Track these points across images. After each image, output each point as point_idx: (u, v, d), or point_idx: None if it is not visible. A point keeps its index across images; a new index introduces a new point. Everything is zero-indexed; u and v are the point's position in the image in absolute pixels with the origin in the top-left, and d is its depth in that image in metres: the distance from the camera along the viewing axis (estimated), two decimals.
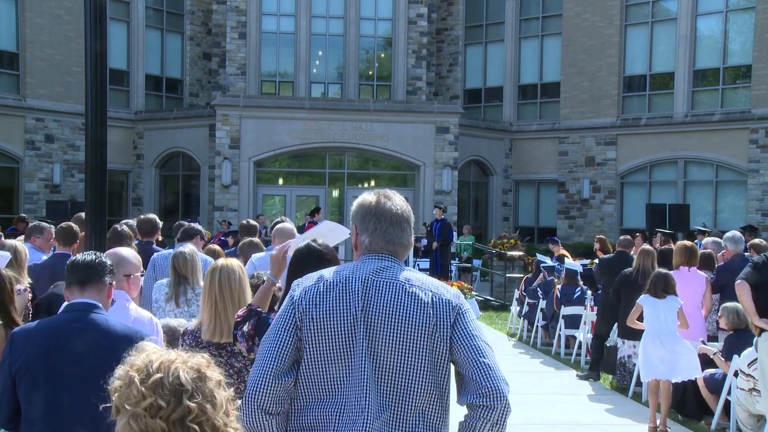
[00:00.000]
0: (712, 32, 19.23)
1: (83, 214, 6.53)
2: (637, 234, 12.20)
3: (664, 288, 6.11)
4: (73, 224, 5.81)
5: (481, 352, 2.15)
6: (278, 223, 5.70)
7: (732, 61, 18.82)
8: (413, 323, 2.13)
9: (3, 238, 6.45)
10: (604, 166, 20.23)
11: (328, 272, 2.24)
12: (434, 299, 2.18)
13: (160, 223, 6.82)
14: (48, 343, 2.70)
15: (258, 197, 18.89)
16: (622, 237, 9.14)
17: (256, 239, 6.02)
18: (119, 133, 19.76)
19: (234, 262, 3.52)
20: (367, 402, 2.07)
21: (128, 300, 3.57)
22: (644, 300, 6.17)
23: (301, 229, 16.32)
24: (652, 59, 19.85)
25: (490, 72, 22.48)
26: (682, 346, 6.05)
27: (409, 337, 2.12)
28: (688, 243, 7.43)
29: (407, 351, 2.12)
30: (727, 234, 7.67)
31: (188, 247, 4.97)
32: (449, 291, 2.25)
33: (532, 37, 21.76)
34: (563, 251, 12.05)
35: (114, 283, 2.96)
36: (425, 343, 2.13)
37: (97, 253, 2.99)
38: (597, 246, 10.65)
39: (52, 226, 6.56)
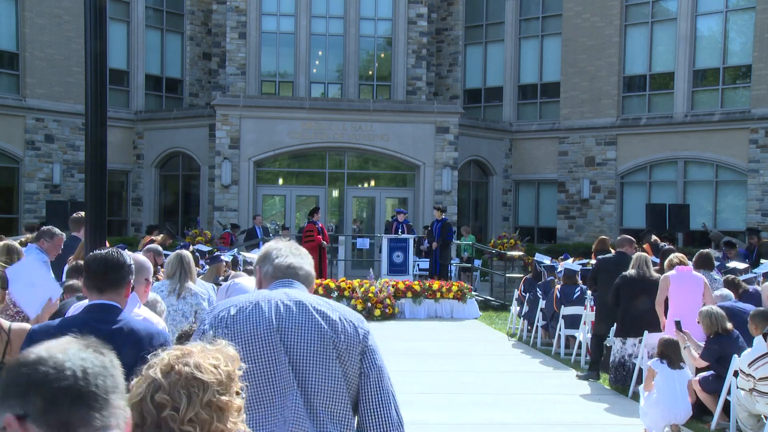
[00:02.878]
0: (712, 32, 19.23)
1: (82, 213, 6.58)
2: (648, 239, 12.04)
3: (674, 356, 6.08)
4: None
5: (386, 399, 2.29)
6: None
7: (732, 61, 18.82)
8: (325, 338, 2.25)
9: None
10: (604, 166, 20.22)
11: (236, 299, 2.35)
12: (342, 319, 2.30)
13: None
14: None
15: (258, 197, 18.88)
16: (620, 237, 9.13)
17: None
18: (119, 133, 19.76)
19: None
20: (296, 407, 2.17)
21: (138, 304, 3.59)
22: (657, 365, 6.11)
23: (301, 229, 16.33)
24: (652, 59, 19.85)
25: (490, 72, 22.47)
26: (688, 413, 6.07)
27: (322, 349, 2.24)
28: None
29: (322, 363, 2.24)
30: (716, 293, 7.33)
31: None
32: (354, 314, 2.38)
33: (532, 37, 21.76)
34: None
35: (132, 281, 2.93)
36: (335, 356, 2.26)
37: (116, 251, 2.93)
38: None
39: (63, 234, 6.65)
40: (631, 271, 7.57)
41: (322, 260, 15.00)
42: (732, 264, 9.78)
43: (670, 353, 6.02)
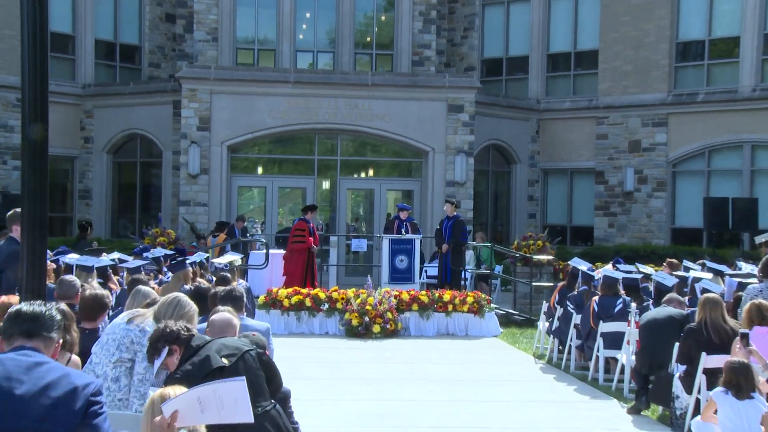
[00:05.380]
0: None
1: (19, 210, 6.58)
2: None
3: (745, 384, 5.89)
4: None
5: None
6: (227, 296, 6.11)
7: None
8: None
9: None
10: (651, 152, 20.20)
11: None
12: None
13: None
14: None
15: (232, 189, 18.89)
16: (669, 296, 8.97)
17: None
18: (63, 110, 19.73)
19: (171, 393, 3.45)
20: None
21: None
22: (719, 397, 5.95)
23: (288, 229, 16.23)
24: (712, 21, 19.80)
25: (513, 38, 22.45)
26: None
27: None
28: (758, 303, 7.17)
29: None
30: None
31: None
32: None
33: None
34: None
35: (60, 342, 3.16)
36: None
37: (48, 304, 3.16)
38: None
39: None
40: (695, 325, 7.39)
41: (309, 266, 14.98)
42: None
43: (738, 380, 5.92)
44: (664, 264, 12.06)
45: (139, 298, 5.94)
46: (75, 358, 4.71)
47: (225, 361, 4.25)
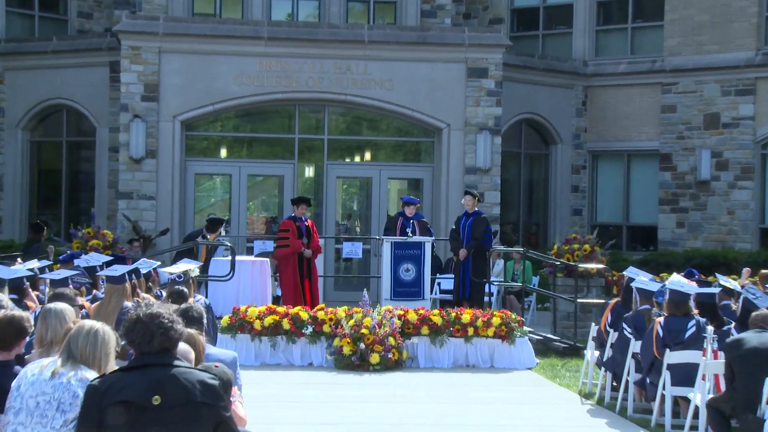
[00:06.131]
0: None
1: None
2: None
3: None
4: None
5: None
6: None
7: None
8: None
9: None
10: (734, 129, 20.19)
11: None
12: None
13: None
14: None
15: (188, 178, 18.88)
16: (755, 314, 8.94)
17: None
18: None
19: None
20: None
21: None
22: None
23: (274, 228, 16.07)
24: None
25: None
26: None
27: None
28: None
29: None
30: None
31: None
32: None
33: None
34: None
35: None
36: None
37: None
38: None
39: None
40: None
41: (306, 278, 14.99)
42: None
43: None
44: (757, 278, 12.04)
45: (52, 321, 5.83)
46: None
47: (156, 399, 4.13)
